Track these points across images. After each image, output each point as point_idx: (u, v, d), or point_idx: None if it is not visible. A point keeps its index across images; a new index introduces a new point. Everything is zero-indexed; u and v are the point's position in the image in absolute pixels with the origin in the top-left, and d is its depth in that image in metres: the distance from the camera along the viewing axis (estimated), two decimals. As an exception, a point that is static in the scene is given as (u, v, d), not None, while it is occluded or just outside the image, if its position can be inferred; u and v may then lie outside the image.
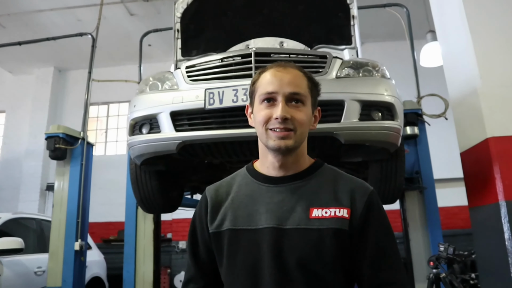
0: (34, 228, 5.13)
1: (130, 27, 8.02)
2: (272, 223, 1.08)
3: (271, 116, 1.09)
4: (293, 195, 1.12)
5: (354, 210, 1.08)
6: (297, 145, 1.11)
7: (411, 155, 4.00)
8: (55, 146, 4.24)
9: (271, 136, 1.10)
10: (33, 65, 9.70)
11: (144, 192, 2.85)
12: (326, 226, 1.06)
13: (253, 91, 1.18)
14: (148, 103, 2.45)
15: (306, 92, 1.14)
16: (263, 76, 1.16)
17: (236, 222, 1.12)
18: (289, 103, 1.10)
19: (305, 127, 1.13)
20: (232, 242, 1.11)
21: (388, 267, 1.07)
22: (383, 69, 2.54)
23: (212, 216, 1.17)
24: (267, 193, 1.14)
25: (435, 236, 3.80)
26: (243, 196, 1.17)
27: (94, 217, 7.73)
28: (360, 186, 1.14)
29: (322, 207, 1.08)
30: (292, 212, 1.09)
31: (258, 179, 1.18)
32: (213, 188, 1.25)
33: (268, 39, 3.67)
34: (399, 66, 5.44)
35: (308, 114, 1.14)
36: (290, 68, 1.15)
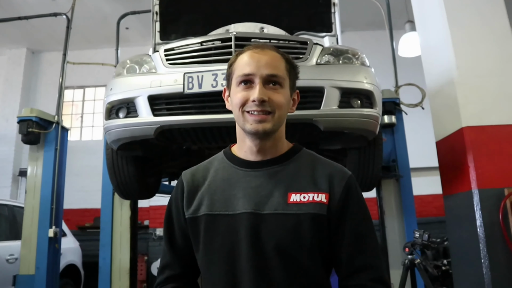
0: (6, 215, 5.00)
1: (107, 8, 7.80)
2: (249, 208, 1.06)
3: (248, 99, 1.07)
4: (271, 179, 1.10)
5: (332, 195, 1.08)
6: (275, 128, 1.09)
7: (388, 144, 4.05)
8: (28, 130, 4.11)
9: (248, 120, 1.08)
10: (4, 45, 9.33)
11: (121, 178, 2.79)
12: (304, 211, 1.05)
13: (230, 73, 1.15)
14: (125, 87, 2.39)
15: (284, 74, 1.11)
16: (240, 58, 1.13)
17: (213, 207, 1.10)
18: (267, 85, 1.08)
19: (283, 110, 1.11)
20: (208, 227, 1.09)
21: (366, 252, 1.07)
22: (362, 57, 2.54)
23: (189, 201, 1.15)
24: (245, 177, 1.12)
25: (410, 224, 3.88)
26: (220, 181, 1.15)
27: (69, 203, 7.57)
28: (338, 171, 1.13)
29: (300, 192, 1.07)
30: (270, 197, 1.08)
31: (235, 164, 1.16)
32: (190, 172, 1.22)
33: (248, 24, 3.62)
34: (378, 56, 5.47)
35: (286, 97, 1.12)
36: (267, 50, 1.13)
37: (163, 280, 1.19)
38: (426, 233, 2.37)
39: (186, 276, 1.19)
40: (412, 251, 2.39)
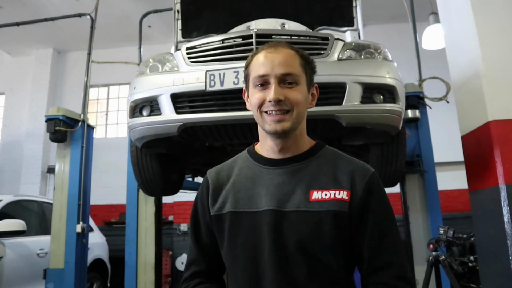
0: (35, 211, 5.17)
1: (129, 7, 7.91)
2: (272, 206, 1.08)
3: (265, 99, 1.09)
4: (293, 177, 1.12)
5: (354, 192, 1.08)
6: (294, 126, 1.10)
7: (412, 138, 4.00)
8: (55, 129, 4.22)
9: (267, 120, 1.09)
10: (32, 46, 9.58)
11: (145, 175, 2.85)
12: (326, 209, 1.05)
13: (247, 75, 1.17)
14: (148, 85, 2.43)
15: (299, 71, 1.12)
16: (255, 59, 1.14)
17: (237, 204, 1.13)
18: (282, 84, 1.09)
19: (301, 107, 1.11)
20: (233, 224, 1.11)
21: (388, 249, 1.07)
22: (385, 51, 2.51)
23: (214, 199, 1.17)
24: (268, 175, 1.14)
25: (435, 219, 3.83)
26: (244, 179, 1.17)
27: (96, 199, 7.77)
28: (360, 168, 1.13)
29: (321, 189, 1.08)
30: (292, 194, 1.09)
31: (258, 162, 1.18)
32: (215, 171, 1.25)
33: (269, 21, 3.63)
34: (401, 49, 5.40)
35: (304, 93, 1.12)
36: (281, 48, 1.13)
37: (189, 276, 1.22)
38: (451, 230, 2.33)
39: (211, 272, 1.22)
40: (436, 248, 2.36)
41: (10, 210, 4.61)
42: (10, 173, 9.15)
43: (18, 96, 9.76)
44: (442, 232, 2.39)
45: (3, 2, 7.78)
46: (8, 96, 9.97)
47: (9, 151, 9.45)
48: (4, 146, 9.65)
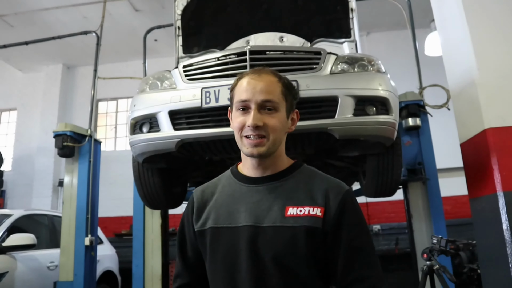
0: (46, 224, 5.26)
1: (135, 22, 8.08)
2: (250, 221, 1.14)
3: (245, 124, 1.15)
4: (271, 194, 1.18)
5: (328, 209, 1.13)
6: (270, 151, 1.17)
7: (413, 146, 4.02)
8: (63, 144, 4.35)
9: (245, 144, 1.16)
10: (42, 62, 9.83)
11: (147, 189, 2.92)
12: (300, 224, 1.11)
13: (232, 97, 1.24)
14: (147, 103, 2.51)
15: (279, 98, 1.18)
16: (239, 84, 1.21)
17: (218, 220, 1.19)
18: (262, 110, 1.15)
19: (278, 133, 1.17)
20: (214, 239, 1.18)
21: (362, 264, 1.11)
22: (378, 63, 2.56)
23: (198, 215, 1.24)
24: (247, 192, 1.20)
25: (438, 227, 3.84)
26: (225, 196, 1.24)
27: (106, 211, 7.90)
28: (335, 186, 1.18)
29: (297, 206, 1.14)
30: (269, 210, 1.15)
31: (240, 180, 1.25)
32: (200, 189, 1.32)
33: (268, 34, 3.71)
34: (405, 56, 5.42)
35: (282, 120, 1.19)
36: (264, 75, 1.19)
37: None
38: (444, 239, 2.35)
39: (195, 285, 1.28)
40: (430, 257, 2.37)
41: (21, 224, 4.70)
42: (22, 187, 9.34)
43: (29, 112, 9.99)
44: (435, 242, 2.41)
45: (14, 21, 8.01)
46: (20, 111, 10.21)
47: (21, 166, 9.67)
48: (16, 161, 9.87)
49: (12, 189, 9.54)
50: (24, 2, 7.48)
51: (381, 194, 2.88)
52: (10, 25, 8.09)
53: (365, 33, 9.17)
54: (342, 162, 2.97)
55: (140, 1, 7.61)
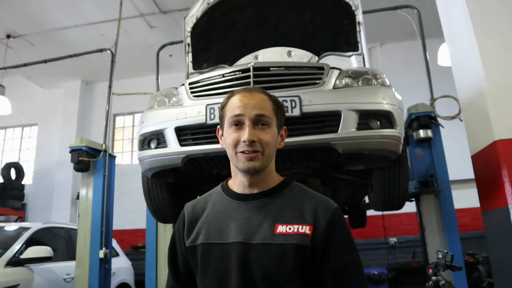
0: (63, 237, 5.37)
1: (151, 39, 8.26)
2: (240, 238, 1.15)
3: (240, 139, 1.17)
4: (261, 211, 1.19)
5: (316, 227, 1.14)
6: (264, 165, 1.19)
7: (425, 158, 3.97)
8: (79, 159, 4.45)
9: (240, 159, 1.18)
10: (62, 79, 10.13)
11: (157, 204, 2.97)
12: (289, 242, 1.12)
13: (223, 115, 1.26)
14: (155, 119, 2.57)
15: (271, 114, 1.21)
16: (231, 101, 1.23)
17: (208, 236, 1.21)
18: (256, 126, 1.18)
19: (271, 148, 1.20)
20: (204, 255, 1.19)
21: (350, 281, 1.12)
22: (383, 77, 2.56)
23: (189, 231, 1.26)
24: (238, 209, 1.22)
25: (452, 240, 3.76)
26: (216, 212, 1.25)
27: (123, 224, 7.99)
28: (323, 204, 1.20)
29: (286, 224, 1.15)
30: (259, 227, 1.16)
31: (230, 196, 1.26)
32: (191, 204, 1.34)
33: (276, 49, 3.76)
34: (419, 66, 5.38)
35: (274, 135, 1.22)
36: (255, 93, 1.23)
37: None
38: (449, 254, 2.31)
39: None
40: (436, 272, 2.34)
41: (39, 237, 4.81)
42: (43, 200, 9.57)
43: (50, 127, 10.28)
44: (440, 257, 2.38)
45: (36, 40, 8.30)
46: (41, 126, 10.51)
47: (41, 179, 9.92)
48: (37, 174, 10.12)
49: (33, 202, 9.79)
50: (44, 22, 7.76)
51: (389, 207, 2.86)
52: (31, 44, 8.39)
53: (378, 44, 9.16)
54: (349, 176, 2.96)
55: (154, 18, 7.79)
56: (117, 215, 6.23)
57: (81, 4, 7.30)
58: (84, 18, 7.70)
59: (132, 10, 7.46)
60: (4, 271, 3.98)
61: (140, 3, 7.35)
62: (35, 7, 7.31)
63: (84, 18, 7.69)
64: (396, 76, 8.50)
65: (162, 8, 7.55)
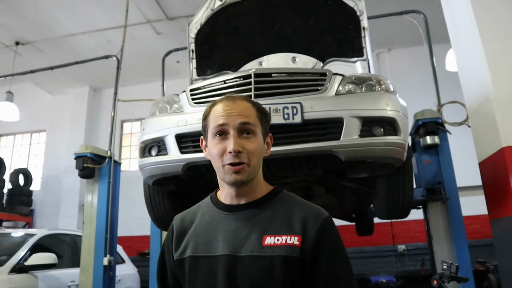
0: (68, 243, 5.37)
1: (157, 45, 8.29)
2: (227, 251, 1.12)
3: (225, 150, 1.13)
4: (249, 223, 1.15)
5: (305, 237, 1.10)
6: (250, 177, 1.15)
7: (432, 165, 3.91)
8: (84, 166, 4.45)
9: (227, 171, 1.14)
10: (70, 85, 10.21)
11: (158, 211, 2.95)
12: (277, 254, 1.08)
13: (206, 125, 1.22)
14: (155, 126, 2.55)
15: (255, 121, 1.18)
16: (213, 110, 1.20)
17: (196, 249, 1.17)
18: (241, 135, 1.15)
19: (257, 158, 1.17)
20: (192, 268, 1.16)
21: None
22: (387, 83, 2.52)
23: (177, 244, 1.23)
24: (225, 221, 1.18)
25: (460, 248, 3.68)
26: (204, 224, 1.22)
27: (130, 231, 7.98)
28: (314, 213, 1.15)
29: (274, 235, 1.11)
30: (247, 239, 1.12)
31: (218, 207, 1.23)
32: (180, 216, 1.31)
33: (281, 55, 3.74)
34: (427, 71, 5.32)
35: (260, 144, 1.18)
36: (238, 101, 1.19)
37: None
38: (454, 265, 2.25)
39: None
40: (440, 284, 2.28)
41: (45, 243, 4.82)
42: (50, 206, 9.61)
43: (57, 133, 10.35)
44: (445, 268, 2.31)
45: (43, 47, 8.39)
46: (49, 133, 10.60)
47: (49, 185, 9.98)
48: (45, 181, 10.19)
49: (41, 208, 9.84)
50: (52, 29, 7.84)
51: (393, 216, 2.81)
52: (40, 50, 8.47)
53: (386, 50, 9.10)
54: (353, 183, 2.92)
55: (161, 24, 7.83)
56: (124, 222, 6.22)
57: (88, 11, 7.37)
58: (91, 25, 7.77)
59: (139, 17, 7.51)
60: (8, 278, 3.98)
61: (147, 9, 7.39)
62: (43, 14, 7.39)
63: (91, 25, 7.76)
64: (404, 82, 8.46)
65: (169, 15, 7.58)
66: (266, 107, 2.17)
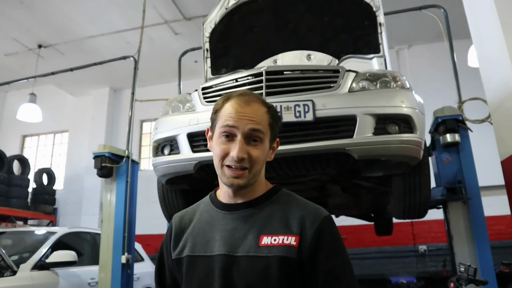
0: (89, 241, 5.46)
1: (175, 45, 8.34)
2: (224, 250, 1.10)
3: (228, 152, 1.10)
4: (246, 222, 1.13)
5: (303, 237, 1.06)
6: (250, 183, 1.12)
7: (453, 164, 3.80)
8: (102, 165, 4.50)
9: (226, 173, 1.11)
10: (91, 86, 10.39)
11: (172, 210, 2.96)
12: (274, 254, 1.05)
13: (215, 119, 1.18)
14: (168, 125, 2.56)
15: (265, 129, 1.13)
16: (225, 107, 1.15)
17: (194, 248, 1.15)
18: (248, 142, 1.11)
19: (260, 164, 1.13)
20: (189, 268, 1.14)
21: None
22: (403, 79, 2.45)
23: (175, 243, 1.21)
24: (223, 220, 1.16)
25: (482, 249, 3.56)
26: (203, 223, 1.20)
27: (149, 229, 8.07)
28: (311, 213, 1.11)
29: (271, 235, 1.08)
30: (243, 239, 1.10)
31: (216, 206, 1.20)
32: (179, 215, 1.29)
33: (295, 53, 3.70)
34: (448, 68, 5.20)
35: (265, 151, 1.14)
36: (253, 103, 1.14)
37: None
38: (472, 267, 2.16)
39: None
40: (458, 286, 2.20)
41: (66, 241, 4.90)
42: (73, 205, 9.81)
43: (79, 133, 10.56)
44: (463, 270, 2.23)
45: (64, 49, 8.57)
46: (71, 133, 10.82)
47: (71, 185, 10.19)
48: (67, 180, 10.41)
49: (64, 207, 10.05)
50: (72, 31, 7.99)
51: (410, 216, 2.73)
52: (61, 53, 8.66)
53: (406, 46, 8.92)
54: (369, 182, 2.86)
55: (179, 25, 7.87)
56: (143, 221, 6.27)
57: (107, 13, 7.48)
58: (110, 27, 7.88)
59: (156, 18, 7.57)
60: (31, 275, 4.06)
61: (164, 10, 7.44)
62: (63, 17, 7.55)
63: (110, 26, 7.87)
64: (425, 79, 8.29)
65: (186, 15, 7.62)
66: (277, 105, 2.17)
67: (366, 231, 7.20)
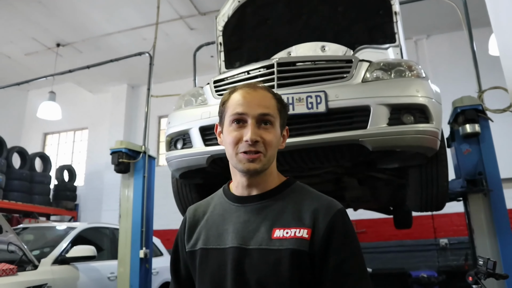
0: (108, 236, 5.55)
1: (191, 41, 8.34)
2: (236, 243, 1.09)
3: (241, 138, 1.10)
4: (259, 215, 1.12)
5: (315, 230, 1.05)
6: (265, 167, 1.12)
7: (473, 155, 3.70)
8: (119, 161, 4.56)
9: (241, 159, 1.11)
10: (109, 83, 10.51)
11: (186, 205, 2.96)
12: (285, 247, 1.04)
13: (223, 111, 1.18)
14: (180, 119, 2.56)
15: (275, 113, 1.14)
16: (233, 97, 1.16)
17: (207, 241, 1.15)
18: (259, 125, 1.11)
19: (273, 148, 1.13)
20: (202, 260, 1.14)
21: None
22: (418, 68, 2.39)
23: (189, 235, 1.21)
24: (236, 212, 1.15)
25: (504, 243, 3.47)
26: (216, 216, 1.19)
27: (168, 224, 8.14)
28: (325, 206, 1.09)
29: (284, 227, 1.07)
30: (256, 232, 1.09)
31: (229, 199, 1.20)
32: (193, 208, 1.29)
33: (309, 45, 3.65)
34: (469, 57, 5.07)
35: (277, 135, 1.14)
36: (259, 90, 1.16)
37: None
38: (491, 261, 2.09)
39: None
40: (476, 280, 2.13)
41: (86, 236, 4.99)
42: (93, 201, 9.98)
43: (99, 130, 10.71)
44: (481, 263, 2.16)
45: (82, 47, 8.69)
46: (91, 130, 10.99)
47: (92, 181, 10.36)
48: (88, 176, 10.59)
49: (85, 203, 10.24)
50: (89, 29, 8.09)
51: (427, 208, 2.67)
52: (79, 51, 8.78)
53: (425, 36, 8.72)
54: (385, 175, 2.80)
55: (194, 20, 7.87)
56: (162, 216, 6.32)
57: (122, 10, 7.53)
58: (126, 24, 7.94)
59: (171, 13, 7.59)
60: (51, 269, 4.15)
61: (179, 6, 7.46)
62: (80, 15, 7.64)
63: (126, 23, 7.93)
64: (444, 69, 8.10)
65: (201, 10, 7.62)
66: (289, 97, 2.14)
67: (386, 224, 7.10)
